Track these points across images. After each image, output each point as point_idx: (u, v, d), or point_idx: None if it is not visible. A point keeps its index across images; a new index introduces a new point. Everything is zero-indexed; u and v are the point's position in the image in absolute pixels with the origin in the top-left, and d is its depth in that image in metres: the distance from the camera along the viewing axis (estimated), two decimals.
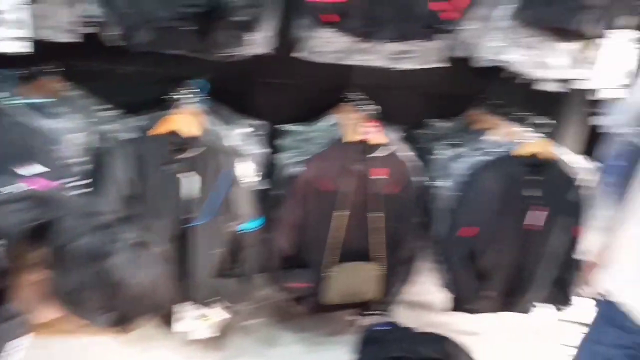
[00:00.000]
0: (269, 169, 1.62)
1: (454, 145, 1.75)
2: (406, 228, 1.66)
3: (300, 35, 1.46)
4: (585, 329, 1.16)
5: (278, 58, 1.48)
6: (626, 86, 1.62)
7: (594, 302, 1.15)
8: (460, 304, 1.73)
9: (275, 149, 1.66)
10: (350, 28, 1.40)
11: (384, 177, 1.56)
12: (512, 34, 1.43)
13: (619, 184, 1.27)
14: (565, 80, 1.59)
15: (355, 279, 1.67)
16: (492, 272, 1.69)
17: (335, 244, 1.61)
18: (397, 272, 1.71)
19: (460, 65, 1.57)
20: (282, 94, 1.79)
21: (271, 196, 1.59)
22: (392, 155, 1.58)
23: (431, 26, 1.39)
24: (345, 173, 1.55)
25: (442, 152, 1.74)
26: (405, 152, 1.63)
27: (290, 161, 1.60)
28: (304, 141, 1.65)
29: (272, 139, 1.67)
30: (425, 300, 1.94)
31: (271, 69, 1.68)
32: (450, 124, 1.90)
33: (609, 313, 1.06)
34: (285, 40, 1.45)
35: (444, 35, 1.42)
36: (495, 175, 1.58)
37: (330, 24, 1.42)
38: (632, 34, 1.54)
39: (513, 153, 1.59)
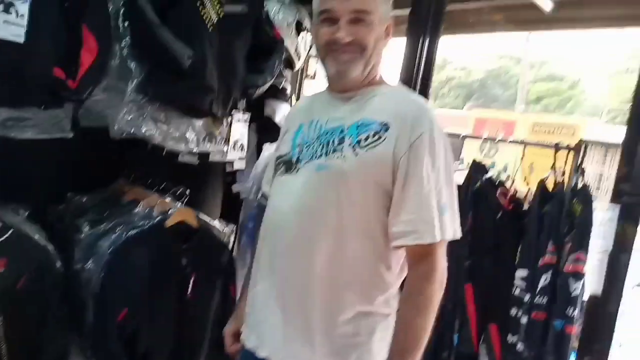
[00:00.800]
0: None
1: (99, 221, 1.60)
2: (42, 327, 1.37)
3: None
4: None
5: None
6: (249, 158, 1.90)
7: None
8: None
9: None
10: None
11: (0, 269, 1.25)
12: (145, 107, 1.44)
13: (250, 242, 1.45)
14: (201, 153, 1.71)
15: None
16: (156, 351, 1.59)
17: None
18: None
19: (102, 135, 1.47)
20: None
21: None
22: (10, 241, 1.30)
23: (53, 93, 1.24)
24: None
25: (85, 230, 1.55)
26: (31, 234, 1.37)
27: None
28: None
29: None
30: None
31: None
32: (94, 197, 1.74)
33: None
34: None
35: (68, 104, 1.30)
36: (146, 249, 1.51)
37: None
38: (246, 115, 1.83)
39: (162, 224, 1.58)
